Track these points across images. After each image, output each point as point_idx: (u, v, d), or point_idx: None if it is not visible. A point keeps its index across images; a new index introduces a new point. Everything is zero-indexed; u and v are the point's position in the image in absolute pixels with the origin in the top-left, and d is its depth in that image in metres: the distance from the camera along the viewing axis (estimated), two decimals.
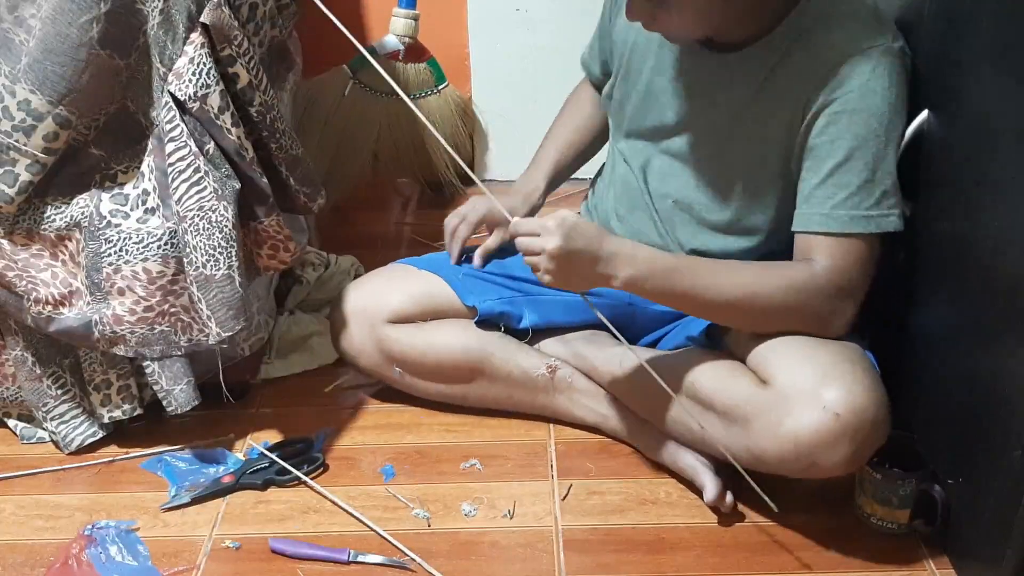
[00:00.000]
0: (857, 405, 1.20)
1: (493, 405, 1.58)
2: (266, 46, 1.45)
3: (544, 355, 1.54)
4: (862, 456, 1.24)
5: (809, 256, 1.28)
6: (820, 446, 1.20)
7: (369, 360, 1.57)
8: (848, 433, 1.19)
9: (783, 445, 1.22)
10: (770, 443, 1.23)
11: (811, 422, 1.20)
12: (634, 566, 1.30)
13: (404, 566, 1.30)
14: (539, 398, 1.55)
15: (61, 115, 1.31)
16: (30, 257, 1.39)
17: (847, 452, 1.20)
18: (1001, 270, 1.14)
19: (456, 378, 1.55)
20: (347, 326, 1.56)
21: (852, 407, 1.19)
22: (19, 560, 1.33)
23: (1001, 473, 1.15)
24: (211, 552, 1.34)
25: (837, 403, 1.19)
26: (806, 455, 1.21)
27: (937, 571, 1.28)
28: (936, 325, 1.31)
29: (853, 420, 1.19)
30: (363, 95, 2.28)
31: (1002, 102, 1.13)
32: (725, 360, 1.35)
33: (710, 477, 1.36)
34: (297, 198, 1.48)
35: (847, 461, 1.21)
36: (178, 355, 1.44)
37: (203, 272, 1.36)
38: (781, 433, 1.22)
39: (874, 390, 1.22)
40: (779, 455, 1.23)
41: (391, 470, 1.48)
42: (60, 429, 1.52)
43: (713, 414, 1.31)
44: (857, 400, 1.20)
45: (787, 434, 1.21)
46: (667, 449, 1.43)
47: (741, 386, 1.29)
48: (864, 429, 1.20)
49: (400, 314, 1.53)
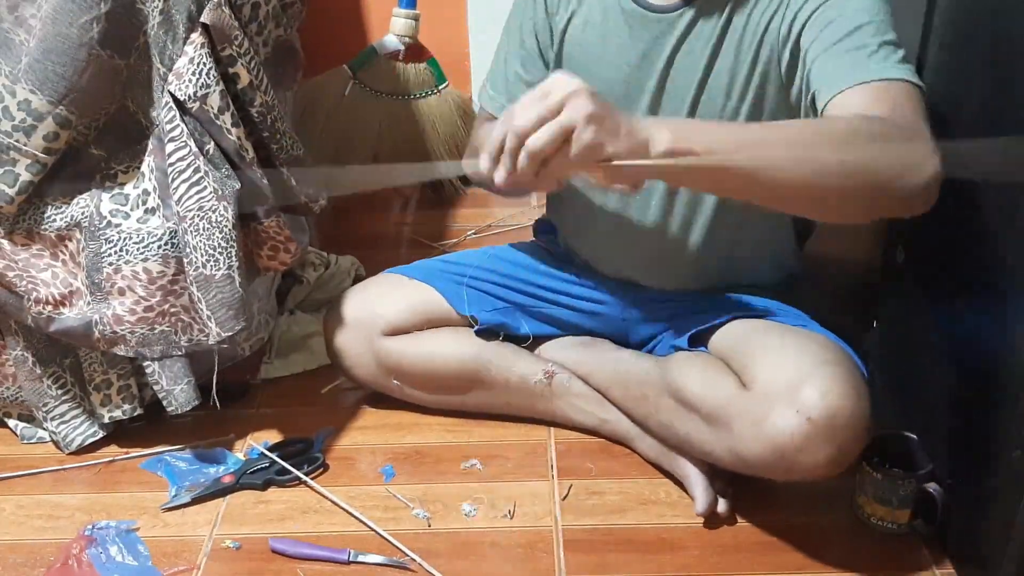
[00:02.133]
0: (831, 408, 1.17)
1: (492, 411, 1.58)
2: (271, 46, 1.45)
3: (542, 360, 1.54)
4: (845, 457, 1.21)
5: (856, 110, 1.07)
6: (796, 450, 1.18)
7: (366, 372, 1.57)
8: (822, 436, 1.17)
9: (763, 448, 1.21)
10: (750, 446, 1.22)
11: (786, 426, 1.18)
12: (634, 566, 1.30)
13: (404, 566, 1.30)
14: (538, 404, 1.54)
15: (61, 115, 1.31)
16: (30, 257, 1.39)
17: (826, 455, 1.18)
18: (1001, 269, 1.14)
19: (454, 388, 1.55)
20: (343, 338, 1.56)
21: (825, 410, 1.17)
22: (19, 560, 1.33)
23: (1001, 473, 1.15)
24: (211, 552, 1.34)
25: (810, 407, 1.17)
26: (785, 458, 1.19)
27: (937, 571, 1.28)
28: (936, 324, 1.31)
29: (826, 423, 1.17)
30: (363, 95, 2.28)
31: (1002, 99, 1.13)
32: (712, 363, 1.34)
33: (702, 488, 1.36)
34: (299, 199, 1.48)
35: (828, 463, 1.19)
36: (178, 355, 1.44)
37: (203, 272, 1.36)
38: (760, 436, 1.21)
39: (851, 392, 1.19)
40: (759, 458, 1.22)
41: (391, 470, 1.48)
42: (60, 429, 1.52)
43: (699, 417, 1.30)
44: (831, 403, 1.17)
45: (765, 437, 1.20)
46: (663, 454, 1.43)
47: (724, 388, 1.28)
48: (840, 432, 1.18)
49: (397, 326, 1.53)
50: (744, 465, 1.26)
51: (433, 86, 2.32)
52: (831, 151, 0.98)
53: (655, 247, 1.43)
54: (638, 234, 1.43)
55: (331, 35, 2.28)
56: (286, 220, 1.46)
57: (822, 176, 0.99)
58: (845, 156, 0.98)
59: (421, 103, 2.30)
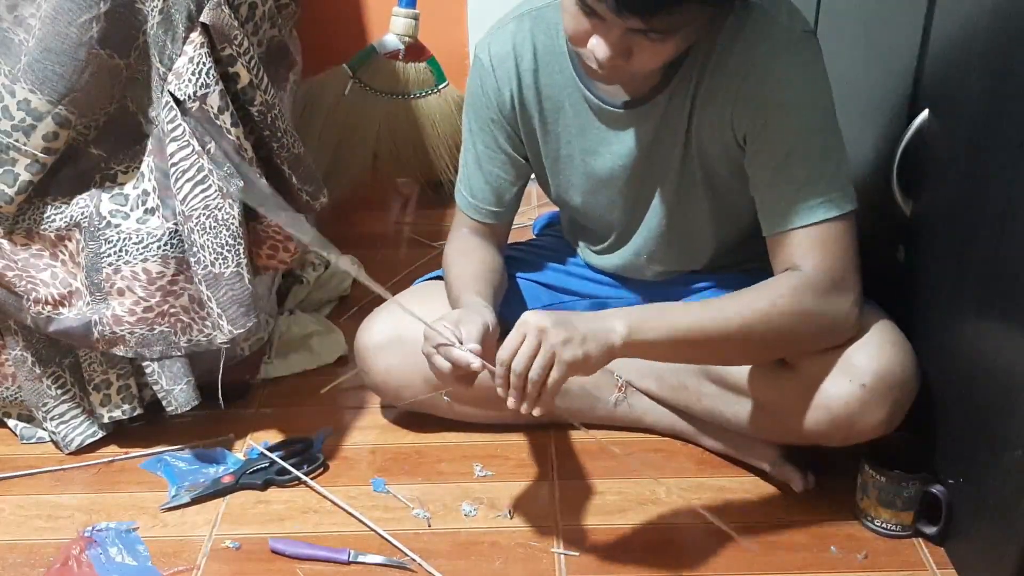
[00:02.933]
0: (882, 370, 1.22)
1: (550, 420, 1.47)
2: (265, 46, 1.45)
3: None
4: (899, 415, 1.25)
5: (790, 257, 1.22)
6: (853, 416, 1.23)
7: (415, 391, 1.46)
8: (877, 399, 1.22)
9: (819, 419, 1.24)
10: (806, 418, 1.25)
11: (841, 394, 1.22)
12: (634, 566, 1.30)
13: (404, 566, 1.30)
14: (598, 408, 1.52)
15: (61, 115, 1.31)
16: (30, 257, 1.39)
17: (882, 415, 1.23)
18: (1002, 269, 1.14)
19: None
20: (387, 361, 1.47)
21: (877, 374, 1.21)
22: (19, 560, 1.33)
23: (1003, 473, 1.14)
24: (211, 552, 1.34)
25: (863, 372, 1.21)
26: (843, 426, 1.24)
27: (939, 572, 1.28)
28: (937, 325, 1.31)
29: (881, 386, 1.21)
30: (363, 94, 2.28)
31: (1003, 99, 1.13)
32: None
33: (788, 470, 1.38)
34: (299, 197, 1.48)
35: (884, 423, 1.24)
36: (178, 356, 1.44)
37: (212, 271, 1.35)
38: (815, 408, 1.24)
39: (898, 351, 1.24)
40: (816, 429, 1.26)
41: (382, 483, 1.45)
42: (60, 429, 1.52)
43: (746, 398, 1.33)
44: (882, 366, 1.22)
45: (820, 408, 1.24)
46: (734, 448, 1.44)
47: (769, 367, 1.30)
48: (893, 392, 1.22)
49: None
50: (799, 437, 1.29)
51: (433, 85, 2.32)
52: (769, 326, 1.19)
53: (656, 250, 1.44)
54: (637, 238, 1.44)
55: (331, 34, 2.28)
56: None
57: (756, 352, 1.26)
58: (781, 333, 1.21)
59: (421, 102, 2.30)
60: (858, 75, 1.50)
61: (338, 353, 1.77)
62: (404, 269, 2.05)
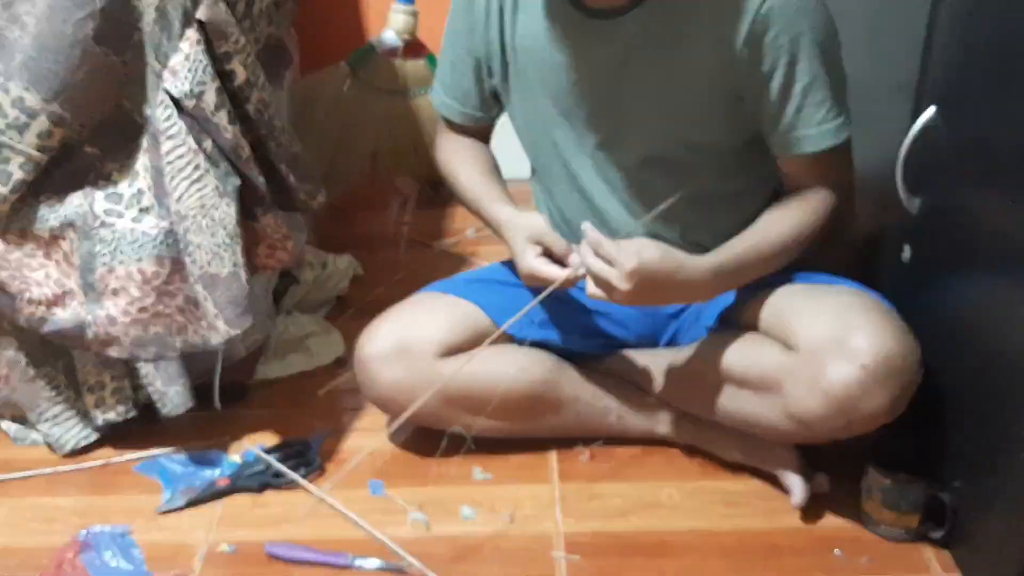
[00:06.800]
0: (882, 352, 1.21)
1: (562, 434, 1.50)
2: (262, 43, 1.44)
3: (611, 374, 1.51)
4: (901, 401, 1.23)
5: (802, 175, 1.34)
6: (854, 399, 1.21)
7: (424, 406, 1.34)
8: (878, 381, 1.20)
9: (820, 404, 1.23)
10: (808, 405, 1.24)
11: (841, 377, 1.21)
12: (636, 570, 1.29)
13: (403, 570, 1.29)
14: (609, 419, 1.50)
15: (55, 113, 1.30)
16: (23, 257, 1.38)
17: (883, 400, 1.21)
18: (1008, 268, 1.13)
19: (525, 409, 1.45)
20: (388, 371, 1.41)
21: (877, 355, 1.20)
22: (13, 564, 1.32)
23: (1008, 475, 1.14)
24: (207, 556, 1.33)
25: (862, 354, 1.21)
26: (845, 410, 1.22)
27: (943, 574, 1.27)
28: (943, 324, 1.30)
29: (882, 367, 1.20)
30: (362, 92, 2.28)
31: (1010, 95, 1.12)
32: (748, 336, 1.36)
33: (796, 480, 1.36)
34: (297, 195, 1.47)
35: (886, 408, 1.22)
36: (173, 357, 1.43)
37: (208, 271, 1.34)
38: (816, 393, 1.23)
39: (897, 334, 1.23)
40: (819, 416, 1.24)
41: (380, 487, 1.44)
42: (53, 431, 1.51)
43: (749, 390, 1.33)
44: (882, 348, 1.21)
45: (821, 393, 1.22)
46: (749, 456, 1.43)
47: (770, 355, 1.30)
48: (894, 375, 1.21)
49: (449, 345, 1.40)
50: (805, 428, 1.27)
51: (432, 83, 2.30)
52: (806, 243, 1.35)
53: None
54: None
55: (329, 31, 2.27)
56: (283, 218, 1.44)
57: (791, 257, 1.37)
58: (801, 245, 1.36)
59: (420, 99, 2.29)
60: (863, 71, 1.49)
61: (336, 354, 1.76)
62: (404, 269, 2.04)
